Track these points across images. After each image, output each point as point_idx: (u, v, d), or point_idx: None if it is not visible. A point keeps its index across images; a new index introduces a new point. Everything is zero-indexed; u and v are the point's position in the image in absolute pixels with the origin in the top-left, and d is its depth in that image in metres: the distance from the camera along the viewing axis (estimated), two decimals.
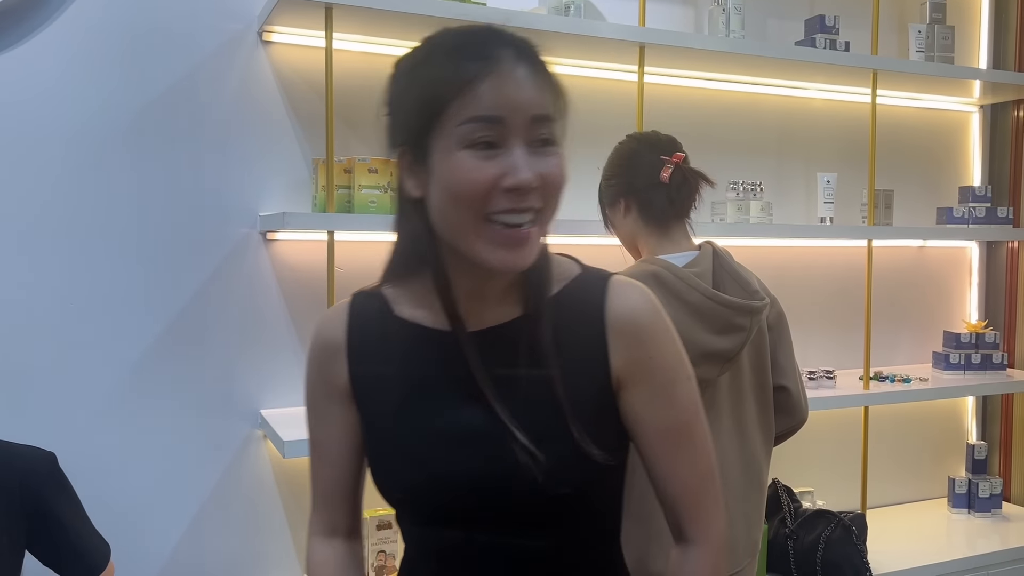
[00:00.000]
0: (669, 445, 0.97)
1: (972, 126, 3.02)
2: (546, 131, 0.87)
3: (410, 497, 0.98)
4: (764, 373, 1.69)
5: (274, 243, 2.05)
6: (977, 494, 2.80)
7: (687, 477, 0.98)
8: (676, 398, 0.96)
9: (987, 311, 3.04)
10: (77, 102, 1.87)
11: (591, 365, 0.94)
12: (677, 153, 1.65)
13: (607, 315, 0.94)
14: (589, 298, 0.95)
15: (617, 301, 0.95)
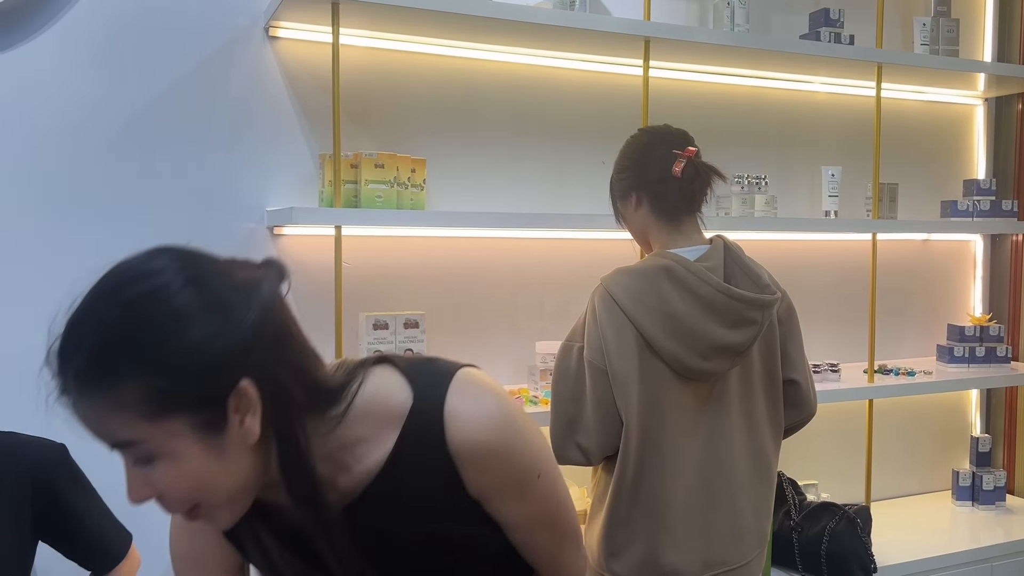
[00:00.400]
0: (531, 531, 1.01)
1: (977, 119, 3.02)
2: (137, 453, 0.81)
3: None
4: (774, 366, 1.70)
5: (281, 238, 2.06)
6: (981, 487, 2.81)
7: (550, 549, 1.04)
8: (534, 498, 0.99)
9: (991, 304, 3.04)
10: (84, 98, 1.88)
11: (451, 499, 0.95)
12: (689, 147, 1.65)
13: (451, 450, 0.92)
14: (428, 440, 0.92)
15: (458, 434, 0.92)
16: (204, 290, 0.81)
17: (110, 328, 0.79)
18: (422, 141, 2.19)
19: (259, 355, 0.82)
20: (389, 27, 2.04)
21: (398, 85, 2.17)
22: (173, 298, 0.80)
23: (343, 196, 1.92)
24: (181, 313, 0.79)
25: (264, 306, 0.84)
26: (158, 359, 0.78)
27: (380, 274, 2.16)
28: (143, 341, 0.78)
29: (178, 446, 0.79)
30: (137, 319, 0.79)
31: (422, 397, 0.93)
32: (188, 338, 0.79)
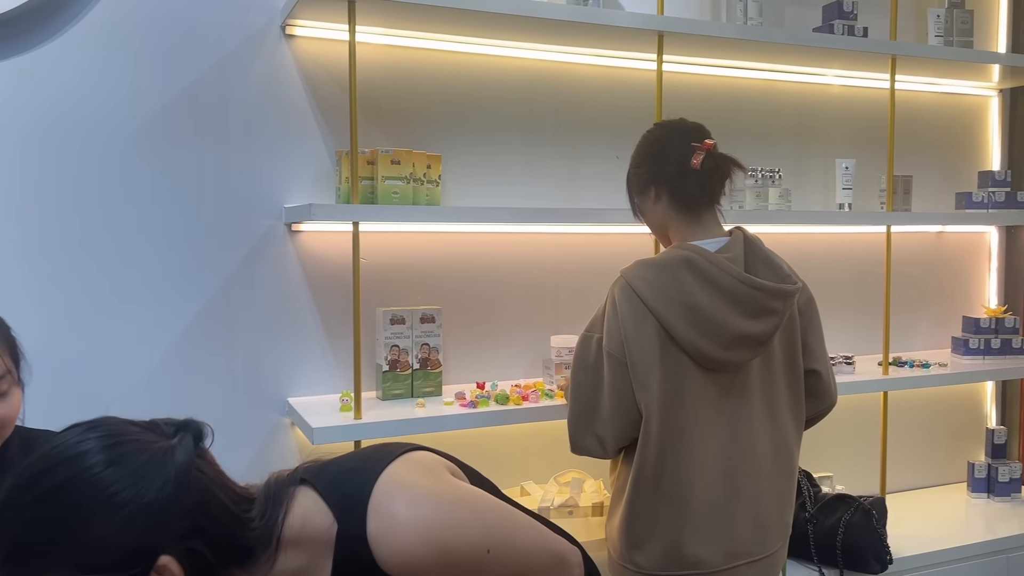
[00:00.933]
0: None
1: (991, 110, 3.01)
2: None
3: None
4: (795, 357, 1.71)
5: (299, 234, 2.08)
6: (996, 479, 2.81)
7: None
8: (491, 571, 0.98)
9: (1007, 296, 3.03)
10: (104, 98, 1.91)
11: None
12: (707, 140, 1.66)
13: (387, 569, 0.93)
14: (363, 564, 0.93)
15: (387, 556, 0.92)
16: (119, 469, 0.83)
17: (29, 525, 0.81)
18: (437, 137, 2.21)
19: (175, 529, 0.84)
20: (405, 24, 2.05)
21: (414, 82, 2.18)
22: (89, 485, 0.82)
23: (360, 192, 1.94)
24: (95, 502, 0.81)
25: (179, 477, 0.85)
26: (78, 549, 0.80)
27: (397, 269, 2.18)
28: (61, 535, 0.80)
29: None
30: (53, 514, 0.81)
31: (344, 525, 0.93)
32: (104, 526, 0.81)
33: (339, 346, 2.13)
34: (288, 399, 2.07)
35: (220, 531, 0.88)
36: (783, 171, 2.50)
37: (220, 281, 2.01)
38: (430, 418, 1.92)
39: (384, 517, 0.92)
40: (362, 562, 0.92)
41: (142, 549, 0.82)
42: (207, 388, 2.01)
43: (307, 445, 2.06)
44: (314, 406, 2.01)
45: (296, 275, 2.09)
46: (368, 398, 2.07)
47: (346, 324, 2.10)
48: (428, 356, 2.09)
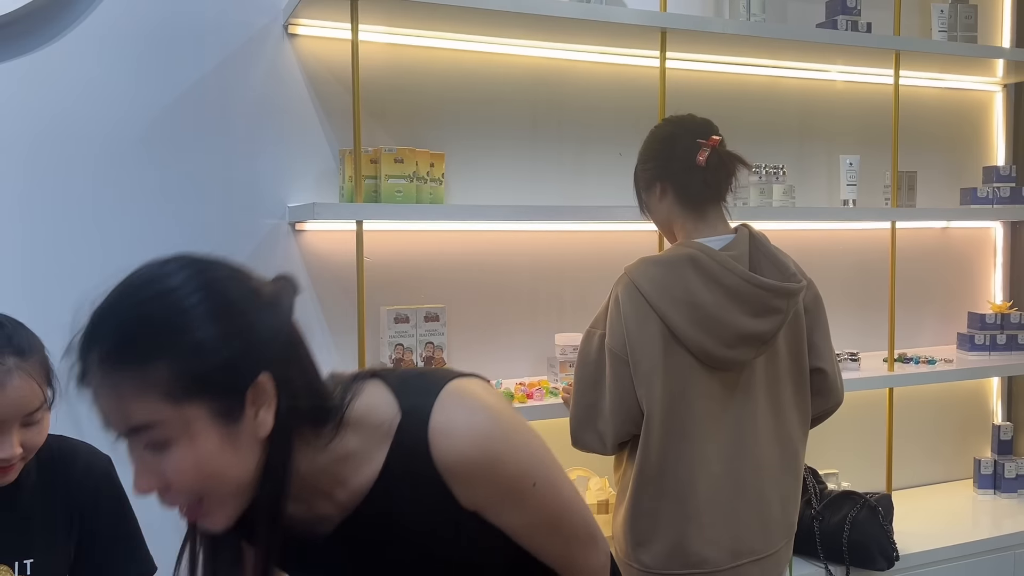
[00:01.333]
0: (533, 536, 1.01)
1: (996, 105, 3.00)
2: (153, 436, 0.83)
3: None
4: (801, 355, 1.70)
5: (303, 233, 2.08)
6: (1003, 475, 2.80)
7: (559, 551, 1.03)
8: (532, 507, 0.98)
9: (1012, 291, 3.02)
10: (107, 98, 1.91)
11: (446, 513, 0.95)
12: (713, 136, 1.66)
13: (438, 467, 0.92)
14: (416, 456, 0.93)
15: (443, 450, 0.92)
16: (233, 289, 0.87)
17: (143, 314, 0.84)
18: (441, 135, 2.21)
19: (278, 355, 0.86)
20: (407, 23, 2.05)
21: (416, 80, 2.18)
22: (209, 290, 0.85)
23: (364, 191, 1.94)
24: (213, 305, 0.84)
25: (286, 311, 0.89)
26: (187, 344, 0.82)
27: (401, 268, 2.18)
28: (174, 327, 0.82)
29: (195, 431, 0.82)
30: (169, 307, 0.83)
31: (408, 414, 0.94)
32: (216, 329, 0.83)
33: (343, 345, 2.12)
34: None
35: (304, 385, 0.90)
36: (787, 167, 2.50)
37: None
38: None
39: (447, 414, 0.93)
40: (415, 456, 0.93)
41: (248, 360, 0.84)
42: None
43: None
44: None
45: (300, 274, 2.07)
46: None
47: (350, 323, 2.09)
48: (432, 355, 2.09)
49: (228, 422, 0.83)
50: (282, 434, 0.87)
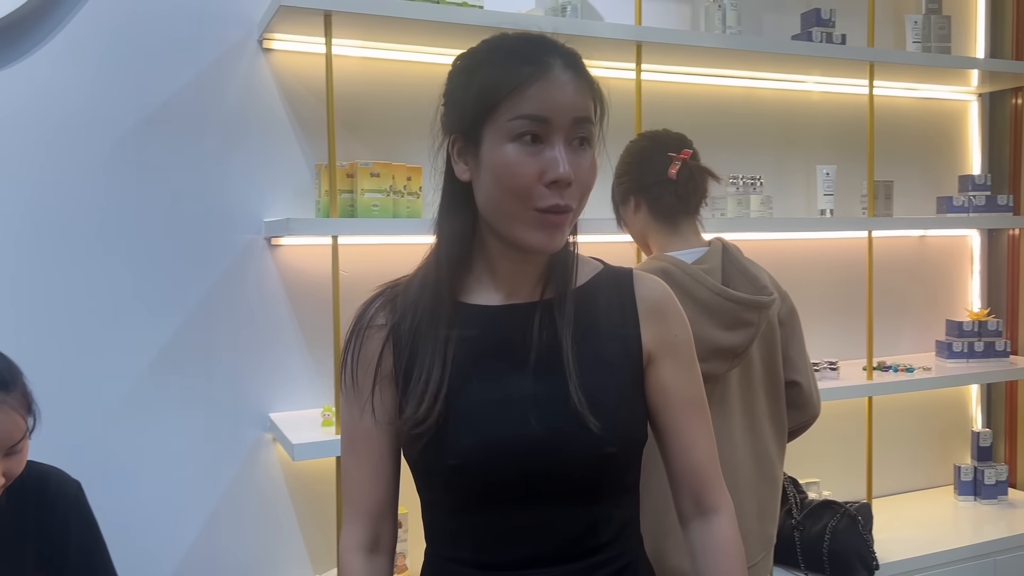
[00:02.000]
0: (691, 416, 1.07)
1: (971, 115, 3.03)
2: (584, 132, 0.97)
3: (463, 464, 0.98)
4: (775, 368, 1.71)
5: (279, 248, 2.08)
6: (983, 481, 2.81)
7: (706, 447, 1.09)
8: (694, 374, 1.09)
9: (989, 299, 3.05)
10: (82, 111, 1.89)
11: (626, 340, 1.05)
12: (685, 150, 1.67)
13: (637, 299, 1.07)
14: (619, 285, 1.08)
15: (644, 288, 1.08)
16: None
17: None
18: (417, 149, 2.20)
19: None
20: (382, 37, 2.05)
21: (392, 94, 2.18)
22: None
23: (340, 206, 1.93)
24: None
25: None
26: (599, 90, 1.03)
27: (377, 282, 2.16)
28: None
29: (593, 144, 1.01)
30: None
31: (611, 266, 1.12)
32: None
33: (321, 360, 2.11)
34: (270, 415, 2.06)
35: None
36: (764, 178, 2.51)
37: (200, 296, 2.00)
38: None
39: (649, 275, 1.11)
40: (620, 283, 1.08)
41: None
42: (188, 404, 1.99)
43: (290, 461, 2.05)
44: (296, 421, 1.99)
45: (277, 289, 2.07)
46: None
47: (328, 338, 2.08)
48: None
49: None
50: None
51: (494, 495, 1.00)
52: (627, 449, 1.03)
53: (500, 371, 1.01)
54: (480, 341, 1.02)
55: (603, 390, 1.00)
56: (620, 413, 1.01)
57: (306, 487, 2.10)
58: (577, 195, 0.97)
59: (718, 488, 1.09)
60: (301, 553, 2.11)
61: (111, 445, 1.93)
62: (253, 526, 2.06)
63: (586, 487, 1.01)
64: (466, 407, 0.99)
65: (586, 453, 0.98)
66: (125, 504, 1.93)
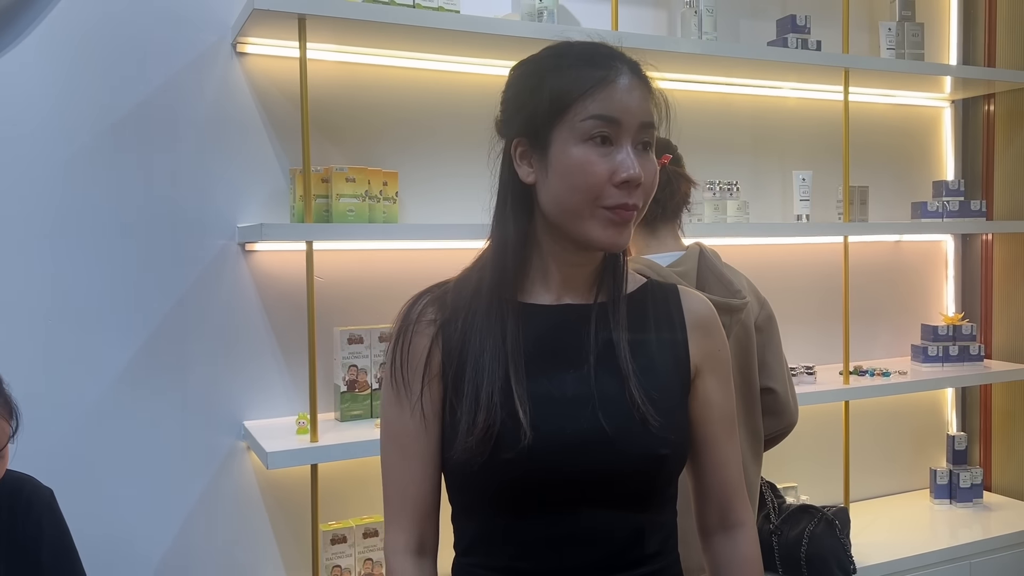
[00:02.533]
0: (727, 432, 1.11)
1: (944, 121, 3.06)
2: (648, 136, 1.02)
3: (521, 460, 0.97)
4: (751, 374, 1.70)
5: (253, 254, 2.05)
6: (958, 484, 2.83)
7: (737, 463, 1.12)
8: (731, 392, 1.12)
9: (964, 303, 3.08)
10: (53, 114, 1.87)
11: (676, 349, 1.08)
12: (665, 155, 1.67)
13: (685, 312, 1.09)
14: (666, 297, 1.11)
15: (692, 302, 1.11)
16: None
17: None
18: (393, 154, 2.19)
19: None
20: (356, 41, 2.04)
21: (368, 98, 2.16)
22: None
23: (314, 211, 1.92)
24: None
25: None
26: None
27: (354, 288, 2.15)
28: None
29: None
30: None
31: (654, 280, 1.14)
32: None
33: (296, 367, 2.09)
34: (244, 422, 2.03)
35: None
36: (741, 183, 2.52)
37: (172, 302, 1.97)
38: None
39: (693, 291, 1.14)
40: (667, 296, 1.10)
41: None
42: (161, 412, 1.96)
43: (264, 470, 2.02)
44: (270, 429, 1.97)
45: (251, 295, 2.05)
46: (326, 419, 2.03)
47: (303, 344, 2.06)
48: None
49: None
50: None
51: (545, 496, 0.98)
52: (678, 454, 1.05)
53: (558, 369, 1.01)
54: (539, 340, 1.03)
55: (657, 393, 1.02)
56: (674, 416, 1.04)
57: (280, 496, 2.08)
58: (642, 196, 1.00)
59: (744, 503, 1.13)
60: (276, 562, 2.08)
61: (83, 453, 1.90)
62: (227, 535, 2.03)
63: (637, 491, 1.02)
64: (525, 404, 0.98)
65: (644, 452, 1.00)
66: (97, 512, 1.89)
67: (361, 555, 2.01)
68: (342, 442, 1.85)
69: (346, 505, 2.12)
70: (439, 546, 1.08)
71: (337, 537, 1.98)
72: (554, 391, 1.00)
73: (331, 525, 2.00)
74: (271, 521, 2.08)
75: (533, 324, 1.03)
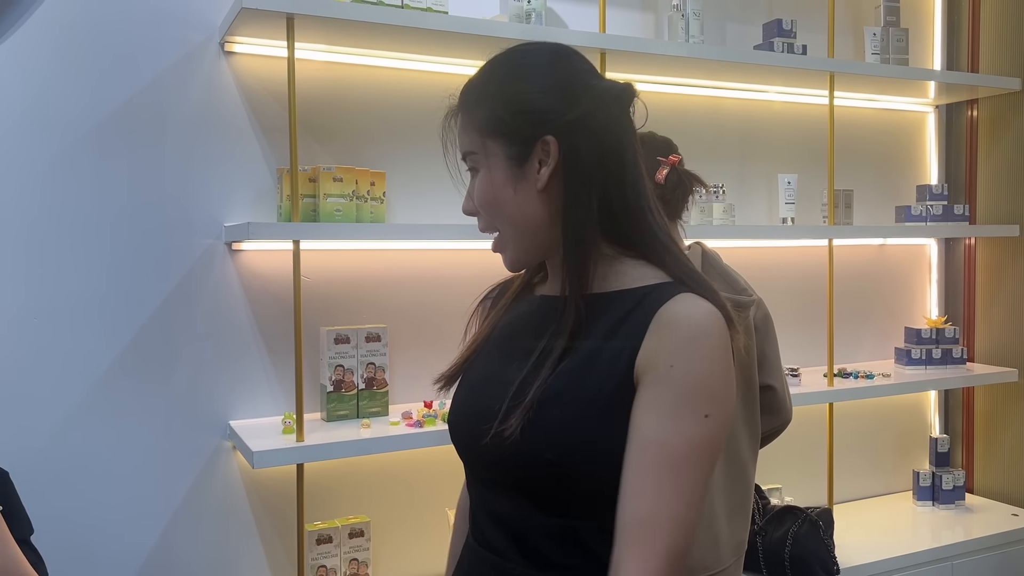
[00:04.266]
0: (645, 461, 0.91)
1: (928, 126, 3.08)
2: (472, 163, 1.07)
3: (450, 423, 1.11)
4: (751, 372, 1.72)
5: (240, 253, 2.05)
6: (941, 486, 2.86)
7: (649, 506, 0.90)
8: (676, 424, 0.91)
9: (947, 307, 3.10)
10: (37, 111, 1.86)
11: (621, 351, 0.96)
12: (673, 155, 1.68)
13: (657, 313, 0.95)
14: (654, 300, 0.98)
15: (673, 306, 0.95)
16: (567, 66, 1.05)
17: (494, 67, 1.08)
18: (381, 154, 2.19)
19: (574, 128, 1.00)
20: (344, 41, 2.04)
21: (356, 98, 2.17)
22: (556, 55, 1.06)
23: (301, 210, 1.91)
24: (534, 70, 1.04)
25: (600, 102, 1.02)
26: (509, 93, 1.02)
27: (341, 288, 2.15)
28: (509, 80, 1.04)
29: (492, 164, 1.03)
30: (514, 61, 1.07)
31: (675, 285, 1.01)
32: (526, 86, 1.02)
33: (282, 367, 2.09)
34: (230, 422, 2.03)
35: (603, 183, 1.02)
36: (727, 186, 2.53)
37: (159, 301, 1.97)
38: (375, 439, 1.89)
39: (699, 302, 0.97)
40: (643, 305, 0.98)
41: (540, 119, 1.00)
42: (146, 411, 1.96)
43: (250, 469, 2.02)
44: (256, 429, 1.96)
45: (237, 295, 2.05)
46: (312, 419, 2.03)
47: (289, 344, 2.06)
48: (374, 375, 2.06)
49: (514, 165, 1.02)
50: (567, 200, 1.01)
51: (468, 467, 1.09)
52: (574, 463, 0.94)
53: (506, 354, 1.07)
54: (511, 325, 1.11)
55: (569, 398, 0.95)
56: (575, 426, 0.94)
57: (266, 495, 2.07)
58: (485, 218, 1.07)
59: (634, 559, 0.90)
60: (260, 562, 2.08)
61: (68, 451, 1.89)
62: (212, 534, 2.03)
63: (535, 489, 0.98)
64: (468, 375, 1.12)
65: (526, 452, 0.95)
66: (81, 511, 1.88)
67: (347, 555, 2.00)
68: (328, 442, 1.85)
69: (332, 505, 2.12)
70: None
71: (323, 537, 1.97)
72: (486, 374, 1.08)
73: (316, 525, 2.00)
74: (256, 521, 2.07)
75: (518, 311, 1.13)
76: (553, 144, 1.00)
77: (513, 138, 1.01)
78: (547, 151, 1.00)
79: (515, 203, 1.02)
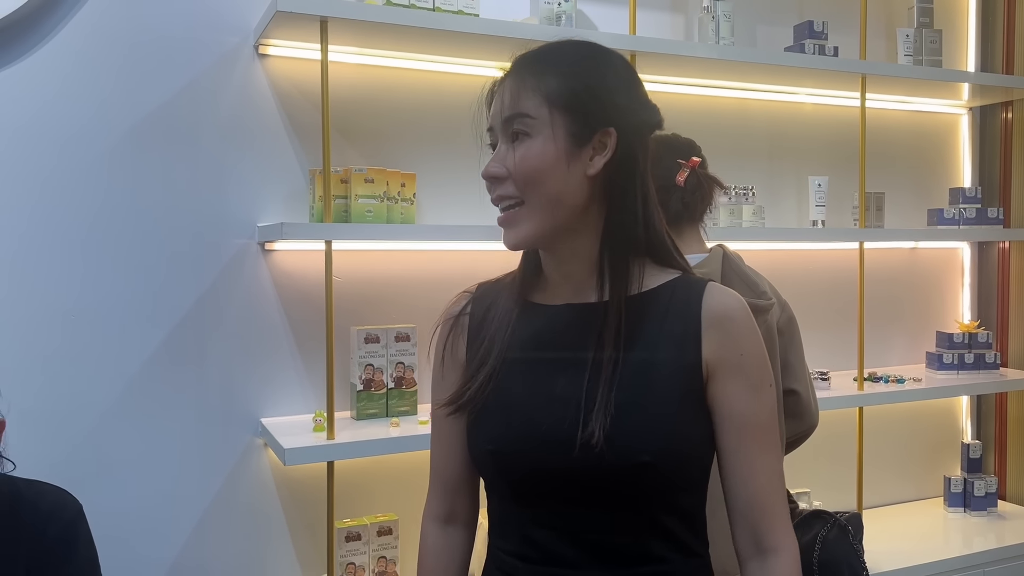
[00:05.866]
0: (752, 442, 1.02)
1: (961, 128, 3.05)
2: (519, 125, 1.02)
3: (497, 451, 1.03)
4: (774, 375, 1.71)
5: (272, 253, 2.08)
6: (973, 493, 2.82)
7: (768, 478, 1.02)
8: (760, 399, 1.02)
9: (979, 311, 3.06)
10: (76, 116, 1.90)
11: (683, 353, 1.01)
12: (694, 158, 1.68)
13: (703, 310, 1.02)
14: (688, 295, 1.03)
15: (712, 300, 1.03)
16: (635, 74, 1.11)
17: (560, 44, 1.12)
18: (412, 155, 2.21)
19: (633, 129, 1.03)
20: (377, 44, 2.06)
21: (387, 101, 2.19)
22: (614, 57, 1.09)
23: (333, 211, 1.94)
24: (616, 61, 1.08)
25: (651, 114, 1.07)
26: (584, 75, 1.04)
27: (371, 288, 2.17)
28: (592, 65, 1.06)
29: (553, 135, 1.01)
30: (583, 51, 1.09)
31: (690, 275, 1.08)
32: (614, 80, 1.05)
33: (313, 365, 2.11)
34: (261, 419, 2.05)
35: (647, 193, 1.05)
36: (756, 188, 2.52)
37: (193, 300, 2.00)
38: (405, 437, 1.91)
39: (724, 288, 1.06)
40: (690, 294, 1.03)
41: (611, 113, 1.02)
42: (179, 408, 1.99)
43: (281, 467, 2.04)
44: (287, 426, 1.99)
45: (269, 294, 2.07)
46: (343, 418, 2.05)
47: (320, 343, 2.08)
48: (403, 375, 2.08)
49: (571, 144, 1.01)
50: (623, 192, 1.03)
51: (532, 488, 1.01)
52: (667, 460, 0.97)
53: (546, 367, 1.03)
54: (535, 338, 1.06)
55: (644, 398, 0.98)
56: (661, 423, 0.98)
57: (297, 493, 2.10)
58: (513, 186, 1.03)
59: (779, 526, 1.02)
60: (291, 559, 2.10)
61: (102, 450, 1.92)
62: (243, 531, 2.05)
63: (619, 492, 0.98)
64: (505, 397, 1.04)
65: (619, 458, 0.96)
66: (115, 509, 1.92)
67: (375, 553, 2.02)
68: (358, 440, 1.87)
69: (361, 503, 2.14)
70: (478, 519, 1.19)
71: (352, 534, 1.99)
72: (532, 388, 1.03)
73: (346, 522, 2.02)
74: (287, 518, 2.10)
75: (535, 323, 1.07)
76: (613, 137, 1.01)
77: (581, 117, 1.01)
78: (605, 142, 1.02)
79: (562, 179, 1.00)
